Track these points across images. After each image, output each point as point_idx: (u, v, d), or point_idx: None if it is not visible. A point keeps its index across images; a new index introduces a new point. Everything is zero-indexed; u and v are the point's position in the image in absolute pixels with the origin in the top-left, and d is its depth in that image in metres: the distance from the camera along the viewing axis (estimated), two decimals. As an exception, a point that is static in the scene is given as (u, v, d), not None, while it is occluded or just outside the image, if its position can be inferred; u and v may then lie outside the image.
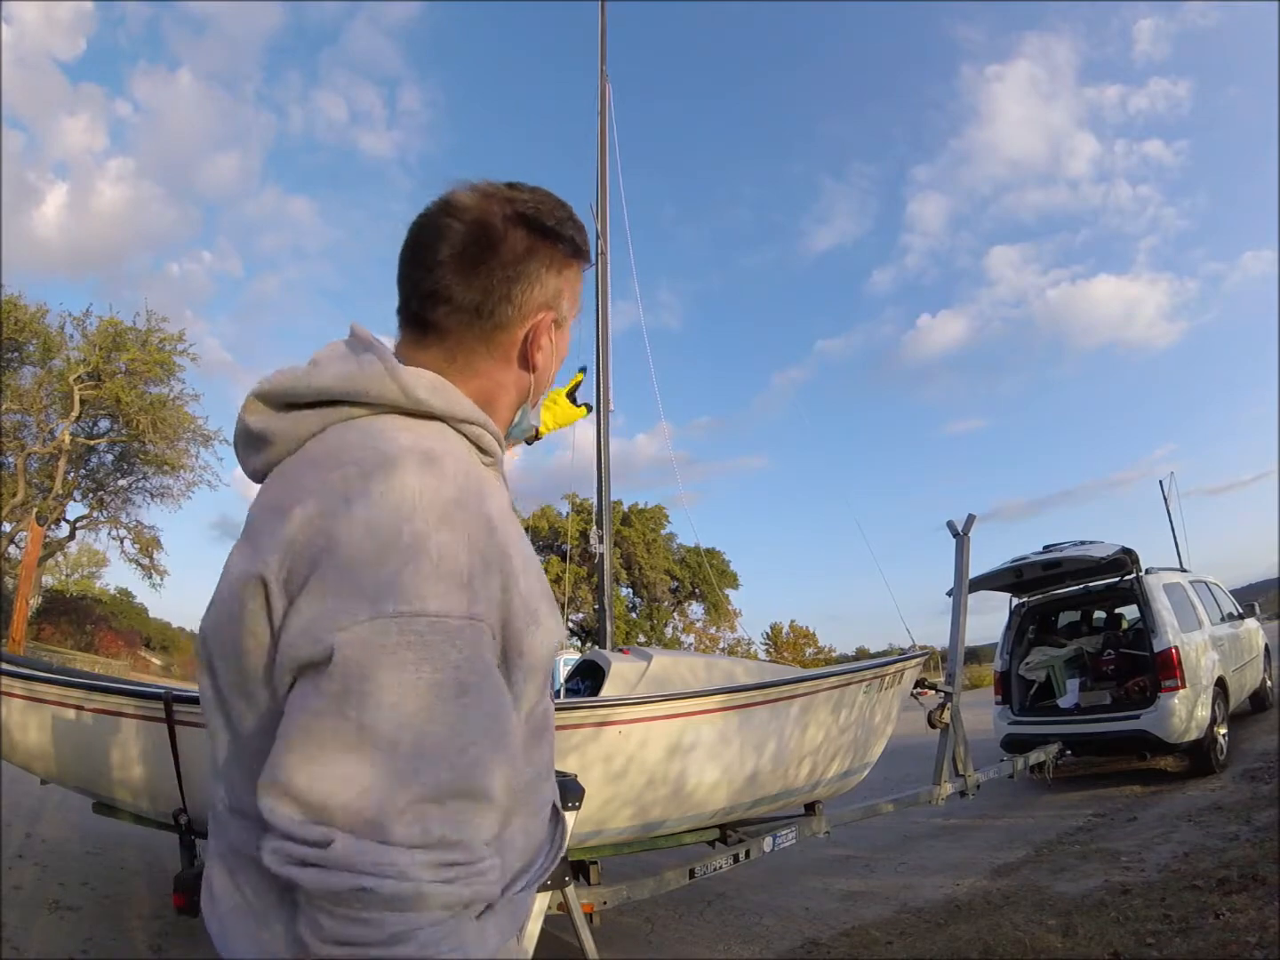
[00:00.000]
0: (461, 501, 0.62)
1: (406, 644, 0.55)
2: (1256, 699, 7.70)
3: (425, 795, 0.55)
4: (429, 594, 0.57)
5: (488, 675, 0.60)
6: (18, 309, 18.77)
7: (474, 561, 0.60)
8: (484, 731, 0.59)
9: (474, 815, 0.58)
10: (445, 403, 0.71)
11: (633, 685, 3.41)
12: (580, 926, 2.35)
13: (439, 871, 0.55)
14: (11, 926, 3.07)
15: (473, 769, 0.57)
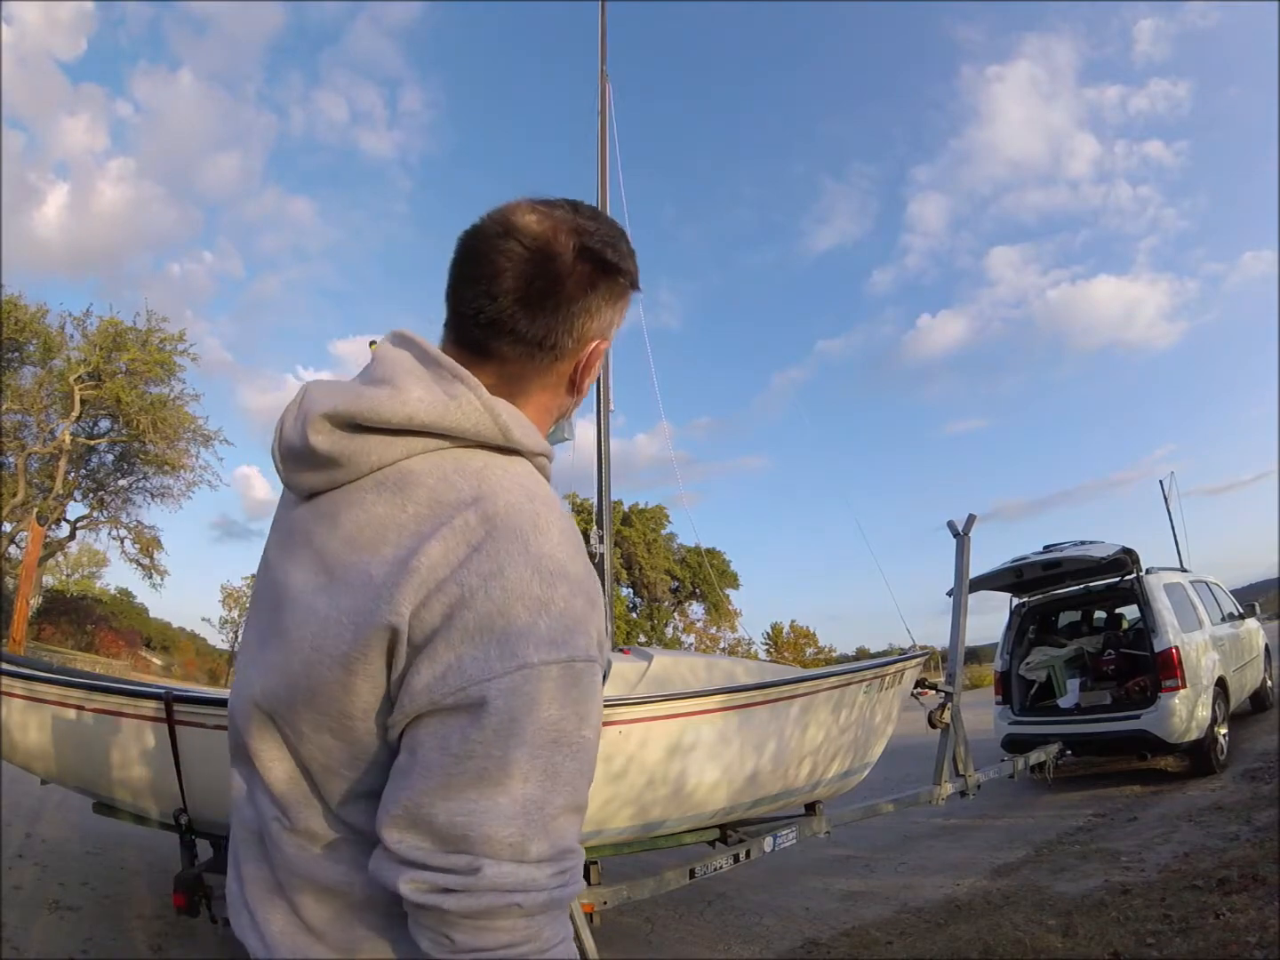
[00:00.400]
0: (572, 547, 0.66)
1: (545, 690, 0.60)
2: (1257, 699, 7.70)
3: (553, 816, 0.61)
4: (560, 643, 0.61)
5: (598, 705, 0.66)
6: (18, 309, 18.78)
7: (588, 609, 0.65)
8: (594, 755, 0.66)
9: (578, 823, 0.65)
10: (528, 439, 0.72)
11: (633, 685, 3.42)
12: (580, 926, 2.35)
13: (561, 878, 0.61)
14: (11, 926, 3.07)
15: (587, 789, 0.65)
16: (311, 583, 0.68)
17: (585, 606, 0.64)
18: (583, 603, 0.64)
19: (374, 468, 0.68)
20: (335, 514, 0.69)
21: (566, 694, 0.61)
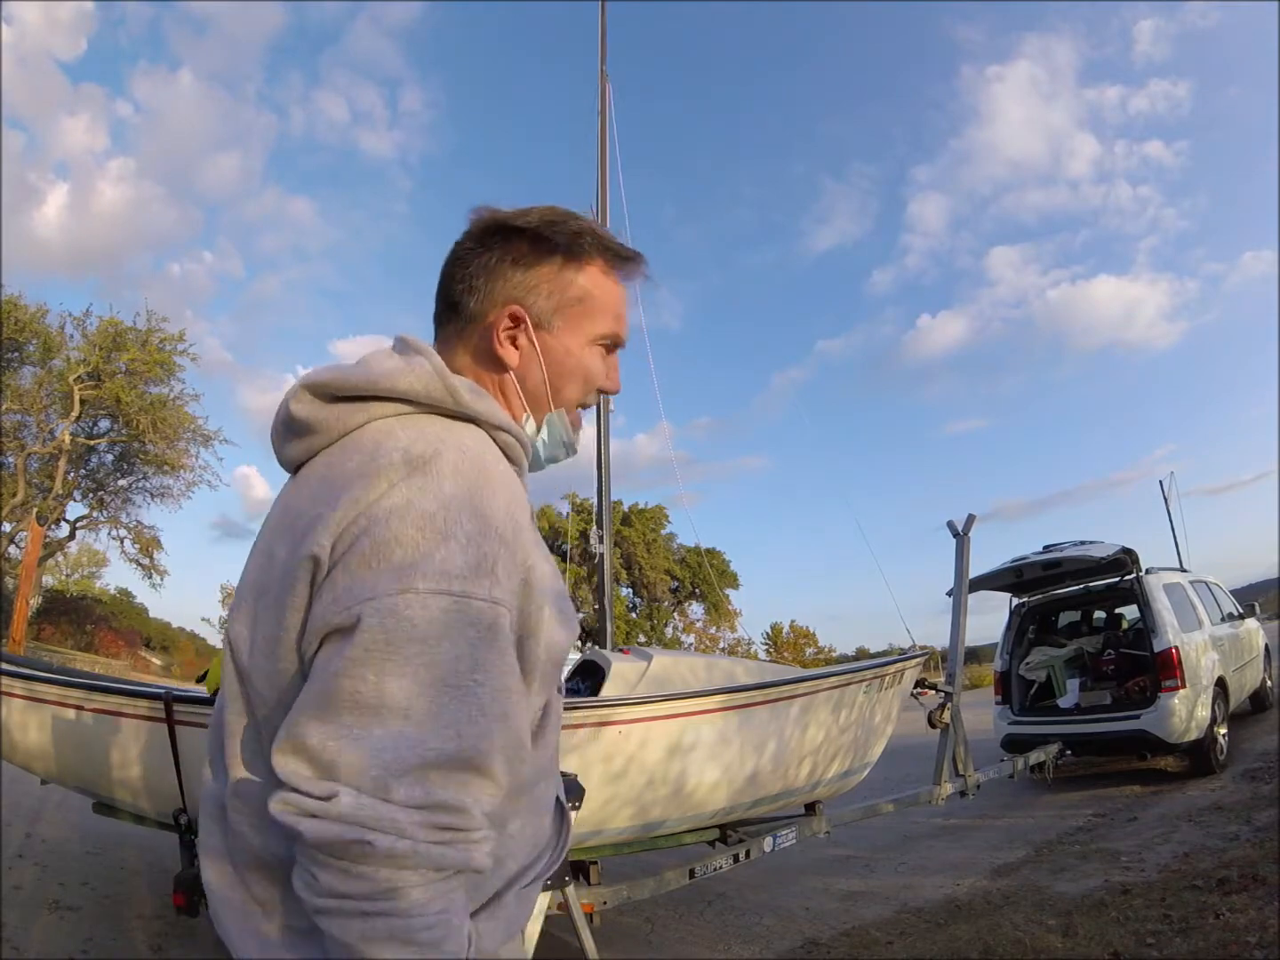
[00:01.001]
0: (493, 497, 0.66)
1: (429, 619, 0.59)
2: (1256, 699, 7.70)
3: (430, 761, 0.58)
4: (455, 575, 0.60)
5: (502, 657, 0.63)
6: (18, 309, 18.77)
7: (500, 552, 0.63)
8: (492, 709, 0.61)
9: (473, 786, 0.61)
10: (484, 408, 0.75)
11: (633, 685, 3.41)
12: (580, 926, 2.36)
13: (434, 833, 0.57)
14: (11, 926, 3.07)
15: (478, 742, 0.60)
16: (270, 537, 0.73)
17: (502, 554, 0.63)
18: (500, 550, 0.63)
19: (343, 433, 0.73)
20: (305, 476, 0.74)
21: (458, 631, 0.60)
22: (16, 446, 19.43)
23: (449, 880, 0.59)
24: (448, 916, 0.59)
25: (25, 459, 19.44)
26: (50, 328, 19.52)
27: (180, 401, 21.01)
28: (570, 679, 3.72)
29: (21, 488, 19.05)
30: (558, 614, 0.71)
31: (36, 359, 19.50)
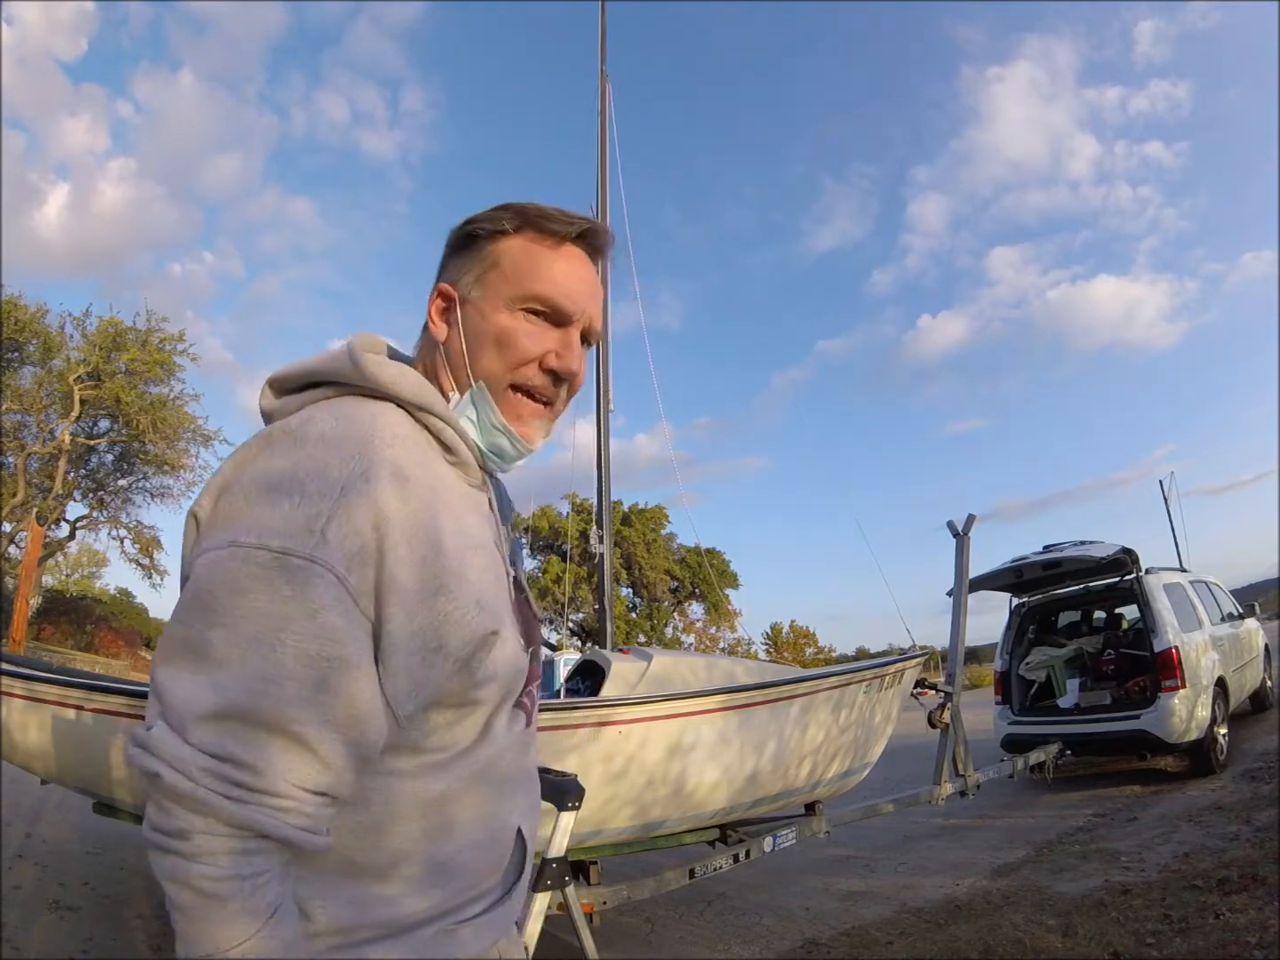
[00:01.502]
0: (348, 460, 0.64)
1: (246, 574, 0.60)
2: (1256, 699, 7.70)
3: (227, 711, 0.59)
4: (277, 531, 0.61)
5: (316, 618, 0.60)
6: (18, 309, 18.76)
7: (338, 515, 0.62)
8: (300, 672, 0.60)
9: (271, 747, 0.59)
10: (395, 381, 0.74)
11: (633, 685, 3.41)
12: (580, 926, 2.35)
13: (221, 784, 0.58)
14: (11, 926, 3.07)
15: (282, 705, 0.59)
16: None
17: (339, 515, 0.62)
18: (338, 511, 0.62)
19: None
20: None
21: (273, 587, 0.60)
22: (16, 446, 19.42)
23: (246, 839, 0.59)
24: (237, 875, 0.58)
25: (25, 459, 19.44)
26: (50, 328, 19.52)
27: (180, 401, 21.03)
28: (570, 679, 3.72)
29: (21, 488, 19.05)
30: (464, 607, 0.67)
31: (36, 359, 19.49)
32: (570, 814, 2.14)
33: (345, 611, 0.62)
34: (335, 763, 0.62)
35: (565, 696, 3.53)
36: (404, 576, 0.64)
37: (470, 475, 0.79)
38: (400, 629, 0.64)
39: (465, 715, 0.72)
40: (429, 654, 0.66)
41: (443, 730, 0.71)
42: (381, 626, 0.64)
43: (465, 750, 0.73)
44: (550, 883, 2.15)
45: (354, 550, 0.62)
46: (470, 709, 0.72)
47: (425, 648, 0.66)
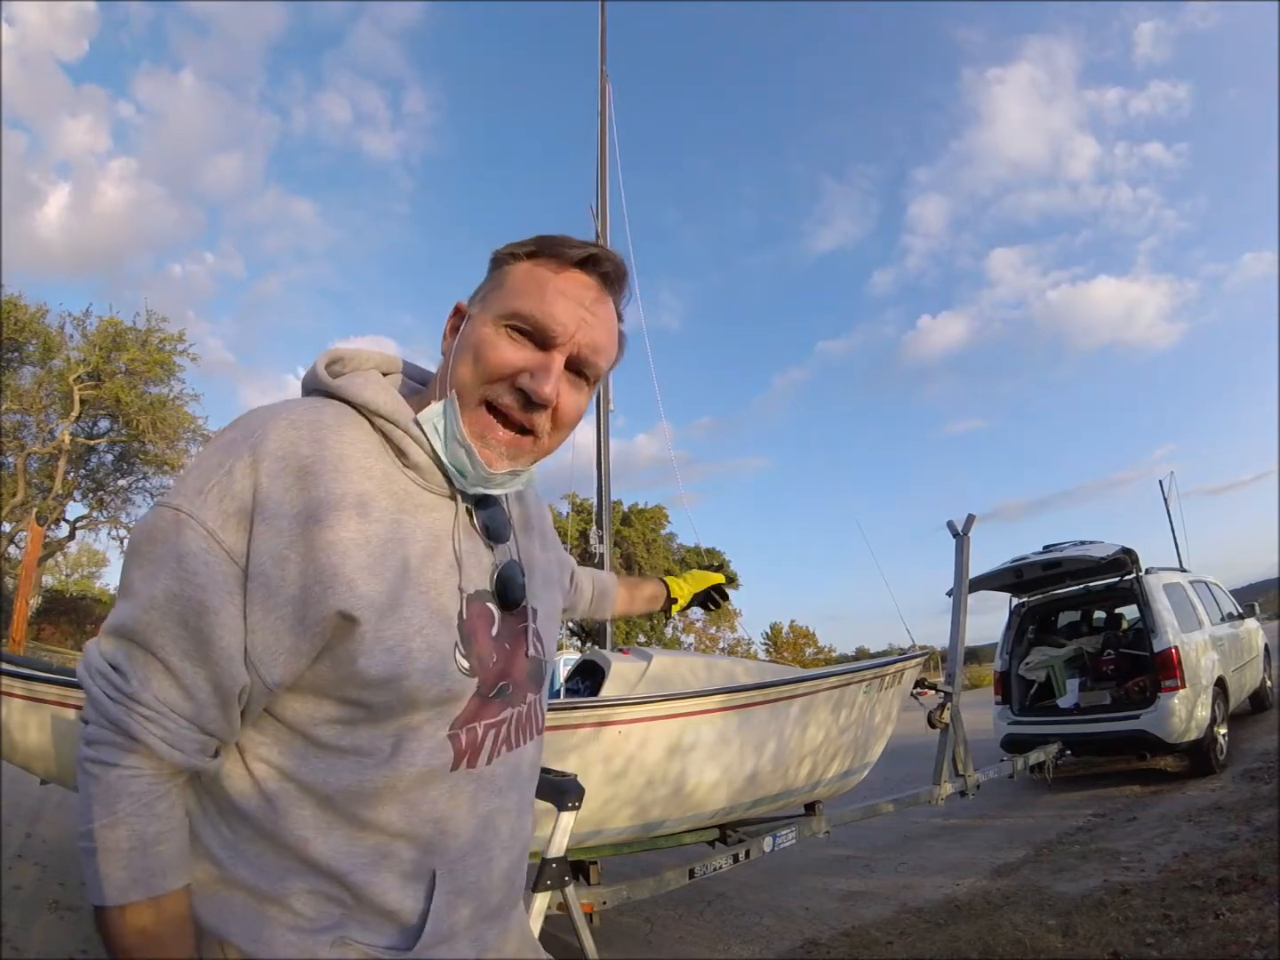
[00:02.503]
0: (248, 436, 0.72)
1: (157, 525, 0.71)
2: (1256, 699, 7.70)
3: (118, 630, 0.71)
4: (182, 493, 0.71)
5: (182, 563, 0.69)
6: (18, 309, 18.75)
7: (222, 481, 0.70)
8: (168, 607, 0.69)
9: (146, 667, 0.70)
10: (346, 385, 0.80)
11: (633, 685, 3.41)
12: (580, 926, 2.35)
13: (105, 685, 0.71)
14: (11, 926, 3.07)
15: (150, 630, 0.69)
16: None
17: (222, 482, 0.70)
18: (225, 480, 0.70)
19: None
20: None
21: (165, 536, 0.70)
22: (16, 446, 19.41)
23: (120, 738, 0.70)
24: (106, 763, 0.70)
25: (25, 459, 19.43)
26: (50, 328, 19.51)
27: (180, 401, 21.05)
28: (570, 679, 3.72)
29: (21, 488, 19.04)
30: (350, 591, 0.69)
31: (36, 359, 19.49)
32: (570, 814, 2.14)
33: (210, 562, 0.68)
34: (197, 694, 0.70)
35: (565, 696, 3.53)
36: (273, 542, 0.69)
37: (427, 479, 0.79)
38: (261, 589, 0.69)
39: (364, 719, 0.74)
40: (294, 622, 0.70)
41: (340, 728, 0.74)
42: (249, 582, 0.69)
43: (371, 765, 0.74)
44: (550, 883, 2.15)
45: (231, 511, 0.69)
46: (365, 712, 0.73)
47: (291, 615, 0.70)
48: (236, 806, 0.75)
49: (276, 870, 0.74)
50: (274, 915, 0.73)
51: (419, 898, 0.77)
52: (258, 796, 0.74)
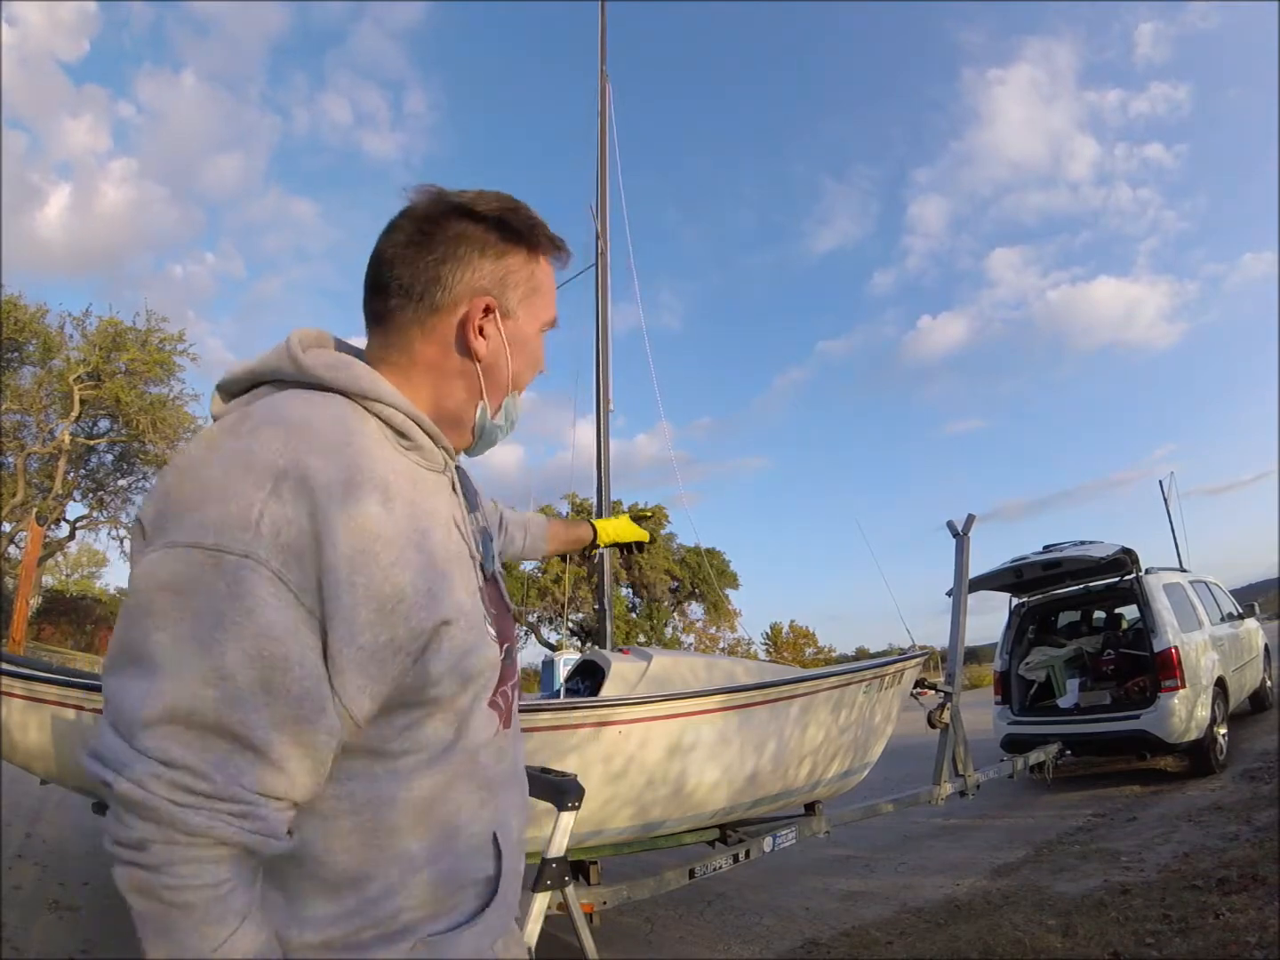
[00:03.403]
0: (280, 452, 0.62)
1: (181, 573, 0.59)
2: (1256, 699, 7.70)
3: (172, 716, 0.57)
4: (212, 529, 0.59)
5: (252, 614, 0.58)
6: (18, 309, 18.75)
7: (271, 507, 0.59)
8: (244, 673, 0.58)
9: (226, 753, 0.58)
10: (337, 376, 0.73)
11: (633, 685, 3.41)
12: (580, 926, 2.35)
13: (175, 792, 0.57)
14: (11, 926, 3.07)
15: (225, 707, 0.57)
16: None
17: (271, 507, 0.59)
18: (271, 504, 0.59)
19: None
20: None
21: (209, 585, 0.58)
22: (16, 446, 19.41)
23: (205, 848, 0.58)
24: (200, 884, 0.57)
25: (25, 459, 19.42)
26: (50, 328, 19.51)
27: (180, 401, 21.07)
28: (570, 679, 3.72)
29: (21, 488, 19.03)
30: (413, 595, 0.65)
31: (36, 359, 19.49)
32: (570, 814, 2.14)
33: (284, 608, 0.59)
34: (288, 765, 0.60)
35: (565, 696, 3.53)
36: (346, 567, 0.61)
37: (429, 459, 0.77)
38: (345, 623, 0.61)
39: (429, 715, 0.70)
40: (379, 648, 0.63)
41: (408, 732, 0.69)
42: (327, 621, 0.61)
43: (439, 754, 0.71)
44: (550, 883, 2.15)
45: (290, 542, 0.59)
46: (432, 708, 0.69)
47: (375, 642, 0.63)
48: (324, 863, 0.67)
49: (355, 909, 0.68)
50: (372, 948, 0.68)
51: (492, 859, 0.78)
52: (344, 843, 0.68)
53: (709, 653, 23.52)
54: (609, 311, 5.78)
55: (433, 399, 0.80)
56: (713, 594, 27.92)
